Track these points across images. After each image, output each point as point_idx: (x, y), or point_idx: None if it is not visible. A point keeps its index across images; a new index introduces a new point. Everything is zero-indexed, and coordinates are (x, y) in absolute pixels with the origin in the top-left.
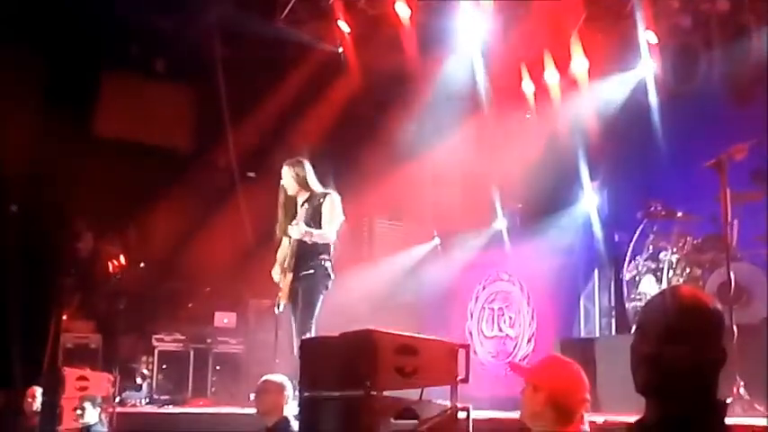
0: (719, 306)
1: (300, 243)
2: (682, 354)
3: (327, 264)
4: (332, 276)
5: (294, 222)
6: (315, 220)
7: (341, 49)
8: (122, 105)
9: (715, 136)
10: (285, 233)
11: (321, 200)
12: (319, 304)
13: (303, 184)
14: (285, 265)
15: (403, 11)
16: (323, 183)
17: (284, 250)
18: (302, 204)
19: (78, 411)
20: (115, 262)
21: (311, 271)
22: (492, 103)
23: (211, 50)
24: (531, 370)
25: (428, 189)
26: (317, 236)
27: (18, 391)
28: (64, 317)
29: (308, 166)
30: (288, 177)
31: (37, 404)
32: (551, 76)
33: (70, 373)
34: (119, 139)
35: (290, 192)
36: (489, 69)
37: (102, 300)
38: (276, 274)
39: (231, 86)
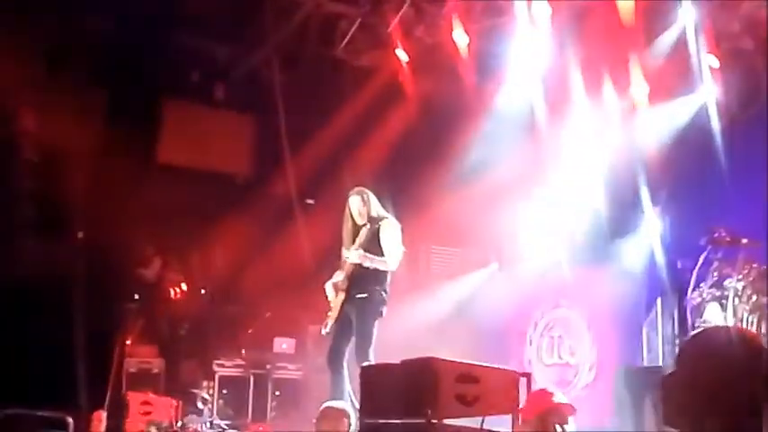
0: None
1: (358, 266)
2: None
3: (383, 290)
4: (386, 303)
5: (354, 247)
6: (373, 245)
7: (399, 77)
8: (183, 132)
9: None
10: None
11: (378, 225)
12: (375, 331)
13: (368, 212)
14: (339, 284)
15: (460, 39)
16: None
17: (343, 270)
18: (363, 231)
19: None
20: (177, 288)
21: (365, 295)
22: (550, 127)
23: (271, 78)
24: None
25: (486, 215)
26: (378, 262)
27: (84, 414)
28: (128, 342)
29: (371, 196)
30: (354, 206)
31: (102, 428)
32: (611, 100)
33: (134, 398)
34: (179, 165)
35: (355, 220)
36: (547, 94)
37: (165, 325)
38: (330, 290)
39: (290, 114)
